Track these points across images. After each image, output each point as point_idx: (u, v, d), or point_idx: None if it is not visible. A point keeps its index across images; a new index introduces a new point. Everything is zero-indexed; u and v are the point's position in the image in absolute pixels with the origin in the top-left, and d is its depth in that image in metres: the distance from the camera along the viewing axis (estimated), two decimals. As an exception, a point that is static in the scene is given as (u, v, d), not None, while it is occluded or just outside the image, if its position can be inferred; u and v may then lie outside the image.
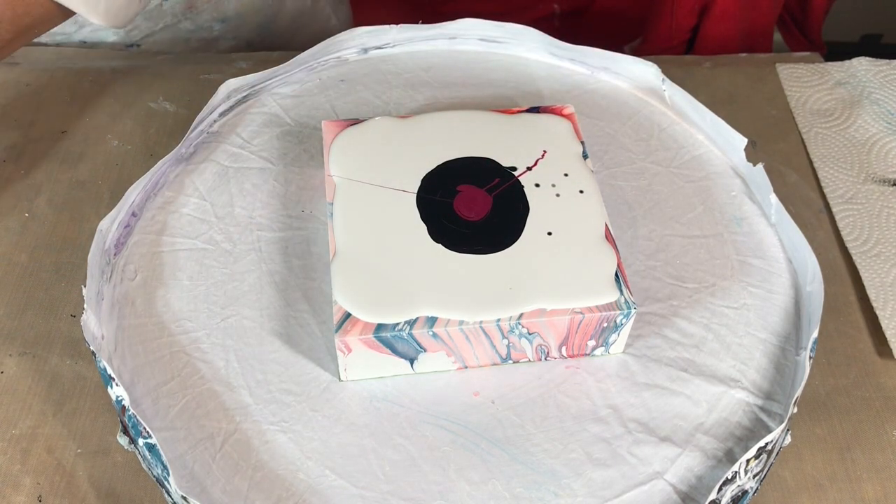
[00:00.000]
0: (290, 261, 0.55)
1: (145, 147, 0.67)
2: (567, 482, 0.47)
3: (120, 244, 0.55)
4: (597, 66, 0.67)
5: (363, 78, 0.66)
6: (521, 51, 0.68)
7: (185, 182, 0.59)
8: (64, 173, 0.65)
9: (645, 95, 0.66)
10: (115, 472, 0.51)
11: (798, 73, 0.74)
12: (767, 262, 0.56)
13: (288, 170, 0.60)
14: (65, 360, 0.55)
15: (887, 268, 0.61)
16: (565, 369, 0.51)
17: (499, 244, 0.51)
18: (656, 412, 0.50)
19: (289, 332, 0.52)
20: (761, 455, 0.46)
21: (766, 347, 0.53)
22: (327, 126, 0.58)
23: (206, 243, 0.56)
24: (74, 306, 0.58)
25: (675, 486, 0.47)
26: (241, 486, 0.46)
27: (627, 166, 0.61)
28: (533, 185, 0.54)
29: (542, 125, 0.58)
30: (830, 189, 0.66)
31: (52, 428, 0.52)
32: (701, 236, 0.57)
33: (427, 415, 0.49)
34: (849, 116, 0.71)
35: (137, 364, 0.51)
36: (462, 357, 0.50)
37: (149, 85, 0.72)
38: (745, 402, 0.50)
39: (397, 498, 0.46)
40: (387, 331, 0.48)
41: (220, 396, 0.49)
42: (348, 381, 0.50)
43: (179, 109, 0.70)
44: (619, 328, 0.50)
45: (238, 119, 0.63)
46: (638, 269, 0.56)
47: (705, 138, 0.63)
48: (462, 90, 0.65)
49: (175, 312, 0.53)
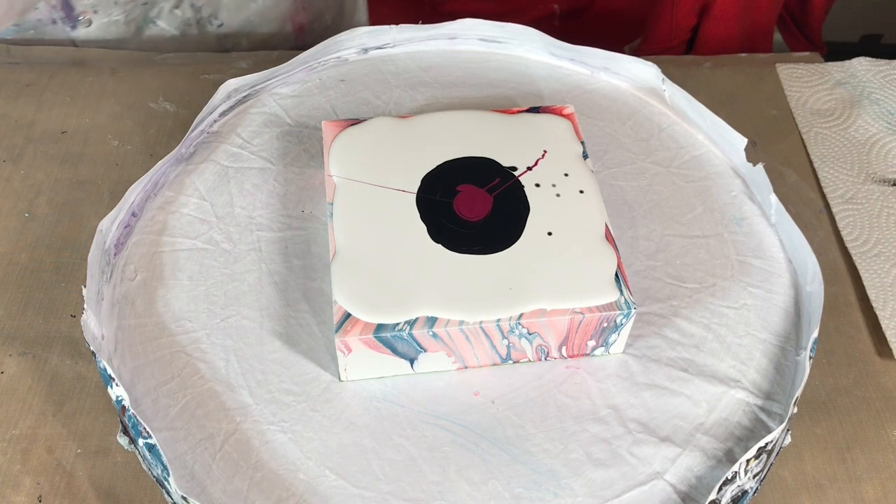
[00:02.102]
0: (290, 261, 0.55)
1: (145, 147, 0.67)
2: (567, 482, 0.47)
3: (120, 244, 0.55)
4: (597, 66, 0.67)
5: (363, 78, 0.66)
6: (521, 51, 0.68)
7: (185, 182, 0.59)
8: (64, 173, 0.65)
9: (645, 95, 0.66)
10: (115, 472, 0.51)
11: (798, 73, 0.74)
12: (767, 262, 0.56)
13: (288, 170, 0.60)
14: (65, 360, 0.55)
15: (887, 268, 0.61)
16: (565, 369, 0.51)
17: (499, 244, 0.51)
18: (656, 412, 0.50)
19: (289, 332, 0.52)
20: (761, 455, 0.46)
21: (766, 347, 0.53)
22: (327, 126, 0.58)
23: (206, 243, 0.56)
24: (74, 306, 0.58)
25: (675, 486, 0.47)
26: (241, 486, 0.46)
27: (627, 166, 0.61)
28: (533, 185, 0.54)
29: (542, 125, 0.58)
30: (830, 189, 0.66)
31: (52, 428, 0.52)
32: (701, 236, 0.57)
33: (427, 415, 0.49)
34: (849, 116, 0.71)
35: (137, 364, 0.51)
36: (462, 357, 0.50)
37: (148, 85, 0.72)
38: (745, 403, 0.50)
39: (397, 498, 0.46)
40: (387, 331, 0.48)
41: (220, 396, 0.49)
42: (348, 381, 0.50)
43: (179, 110, 0.70)
44: (619, 328, 0.50)
45: (238, 119, 0.63)
46: (638, 269, 0.56)
47: (705, 138, 0.63)
48: (462, 90, 0.66)
49: (175, 312, 0.53)
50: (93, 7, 0.71)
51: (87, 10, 0.71)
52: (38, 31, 0.71)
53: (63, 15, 0.70)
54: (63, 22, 0.71)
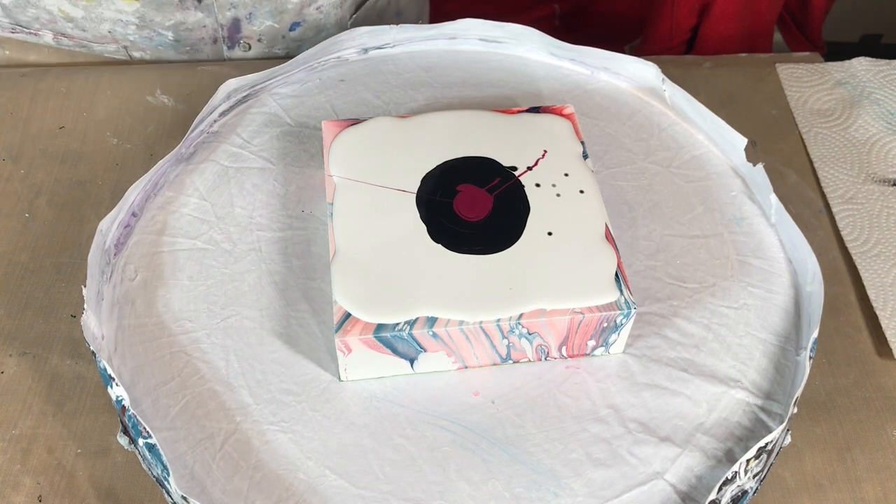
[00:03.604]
0: (290, 261, 0.55)
1: (145, 146, 0.67)
2: (567, 482, 0.47)
3: (120, 244, 0.55)
4: (597, 66, 0.67)
5: (363, 78, 0.66)
6: (521, 51, 0.68)
7: (185, 182, 0.59)
8: (64, 173, 0.65)
9: (645, 95, 0.66)
10: (115, 472, 0.51)
11: (798, 73, 0.74)
12: (767, 262, 0.56)
13: (288, 170, 0.60)
14: (65, 360, 0.55)
15: (887, 268, 0.61)
16: (565, 369, 0.51)
17: (499, 244, 0.51)
18: (656, 412, 0.50)
19: (289, 332, 0.52)
20: (761, 455, 0.46)
21: (766, 347, 0.53)
22: (327, 126, 0.58)
23: (206, 243, 0.56)
24: (74, 306, 0.58)
25: (675, 486, 0.47)
26: (241, 486, 0.46)
27: (627, 166, 0.61)
28: (533, 185, 0.54)
29: (542, 125, 0.58)
30: (830, 189, 0.66)
31: (52, 428, 0.52)
32: (701, 236, 0.57)
33: (427, 415, 0.49)
34: (849, 116, 0.71)
35: (137, 364, 0.51)
36: (462, 357, 0.50)
37: (144, 77, 0.71)
38: (745, 402, 0.50)
39: (397, 498, 0.46)
40: (387, 331, 0.48)
41: (220, 396, 0.49)
42: (348, 381, 0.50)
43: (178, 104, 0.69)
44: (619, 328, 0.50)
45: (238, 119, 0.63)
46: (638, 269, 0.56)
47: (705, 138, 0.63)
48: (462, 90, 0.65)
49: (175, 312, 0.53)
50: (258, 36, 0.73)
51: (252, 36, 0.73)
52: (193, 48, 0.74)
53: (227, 35, 0.73)
54: (223, 42, 0.73)
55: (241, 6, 0.71)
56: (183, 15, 0.71)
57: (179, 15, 0.70)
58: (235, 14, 0.72)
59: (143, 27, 0.71)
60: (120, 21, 0.70)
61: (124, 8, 0.68)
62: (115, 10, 0.69)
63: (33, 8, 0.69)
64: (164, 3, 0.69)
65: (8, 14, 0.70)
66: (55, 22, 0.70)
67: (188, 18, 0.71)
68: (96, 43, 0.72)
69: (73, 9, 0.69)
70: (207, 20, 0.71)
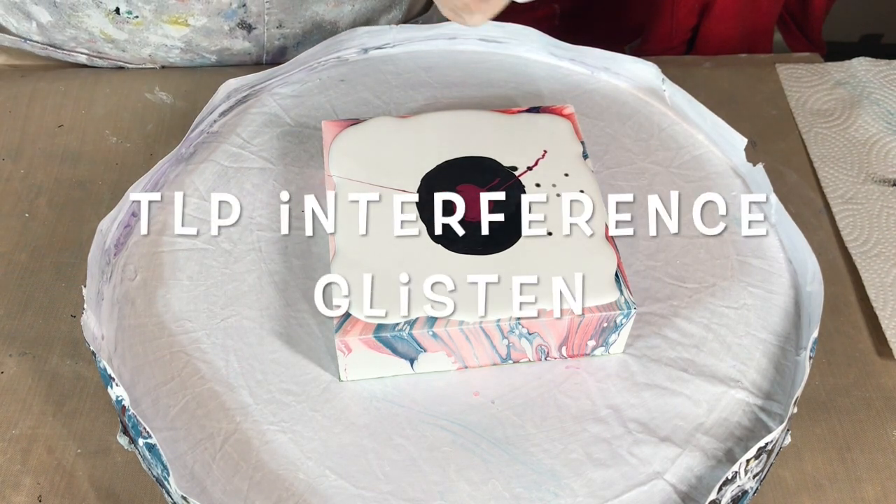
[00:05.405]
0: (290, 261, 0.55)
1: (144, 144, 0.67)
2: (567, 482, 0.47)
3: (120, 244, 0.55)
4: (597, 66, 0.67)
5: (363, 78, 0.66)
6: (521, 51, 0.68)
7: (185, 182, 0.59)
8: (64, 173, 0.65)
9: (645, 95, 0.66)
10: (115, 472, 0.51)
11: (798, 73, 0.74)
12: (767, 262, 0.56)
13: (288, 170, 0.60)
14: (65, 360, 0.55)
15: (887, 268, 0.61)
16: (565, 369, 0.51)
17: (499, 244, 0.51)
18: (656, 412, 0.50)
19: (289, 332, 0.52)
20: (761, 455, 0.46)
21: (766, 347, 0.53)
22: (327, 126, 0.58)
23: (206, 243, 0.56)
24: (74, 306, 0.58)
25: (675, 486, 0.47)
26: (241, 486, 0.46)
27: (627, 166, 0.61)
28: (533, 185, 0.54)
29: (542, 125, 0.58)
30: (830, 189, 0.66)
31: (52, 428, 0.52)
32: (701, 236, 0.57)
33: (427, 415, 0.49)
34: (849, 116, 0.71)
35: (137, 364, 0.51)
36: (462, 357, 0.50)
37: (143, 75, 0.71)
38: (745, 402, 0.50)
39: (397, 498, 0.46)
40: (387, 331, 0.48)
41: (220, 396, 0.49)
42: (348, 381, 0.50)
43: (177, 101, 0.69)
44: (619, 328, 0.50)
45: (238, 119, 0.63)
46: (638, 269, 0.56)
47: (705, 138, 0.63)
48: (462, 90, 0.65)
49: (175, 312, 0.53)
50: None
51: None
52: (233, 68, 0.74)
53: (270, 59, 0.74)
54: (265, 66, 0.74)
55: (291, 37, 0.71)
56: (230, 42, 0.71)
57: (227, 42, 0.70)
58: (284, 43, 0.72)
59: (188, 51, 0.71)
60: (164, 46, 0.70)
61: (172, 34, 0.68)
62: (162, 34, 0.69)
63: (73, 28, 0.69)
64: (214, 31, 0.69)
65: (43, 33, 0.70)
66: (94, 42, 0.70)
67: (234, 45, 0.71)
68: (132, 64, 0.73)
69: (116, 32, 0.69)
70: (254, 49, 0.72)
